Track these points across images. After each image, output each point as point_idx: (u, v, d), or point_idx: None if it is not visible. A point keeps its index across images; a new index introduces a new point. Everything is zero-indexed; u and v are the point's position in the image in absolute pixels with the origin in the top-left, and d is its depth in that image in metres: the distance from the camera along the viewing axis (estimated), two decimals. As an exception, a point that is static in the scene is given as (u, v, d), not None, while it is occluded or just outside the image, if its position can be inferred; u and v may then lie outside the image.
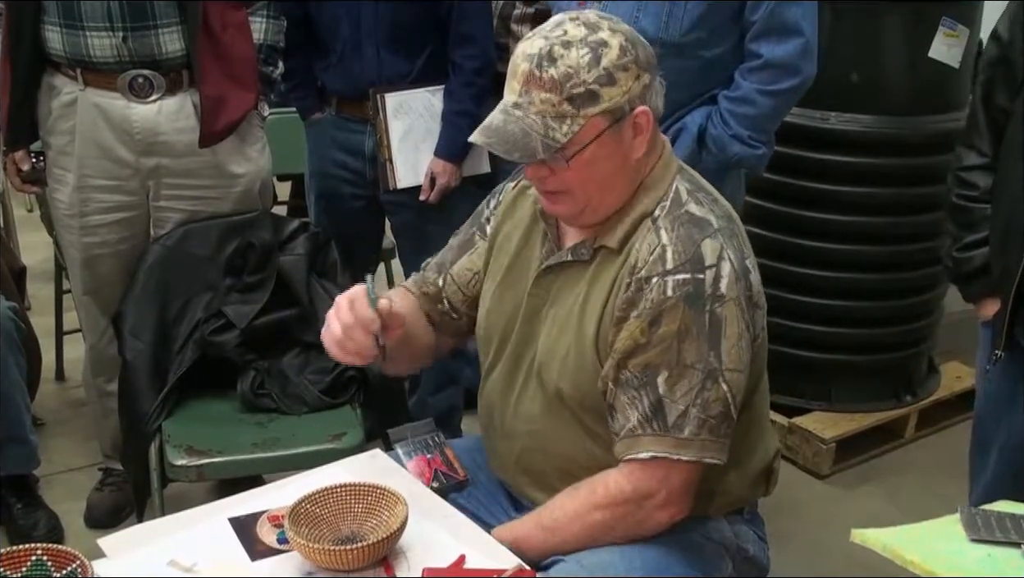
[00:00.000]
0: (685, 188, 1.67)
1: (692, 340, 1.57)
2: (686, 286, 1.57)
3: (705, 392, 1.57)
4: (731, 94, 2.47)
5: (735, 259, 1.60)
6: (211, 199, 2.68)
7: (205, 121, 2.57)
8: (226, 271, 2.64)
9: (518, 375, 1.76)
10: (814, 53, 2.47)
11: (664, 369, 1.58)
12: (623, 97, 1.56)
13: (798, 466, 3.29)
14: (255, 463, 2.43)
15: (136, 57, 2.50)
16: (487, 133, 1.58)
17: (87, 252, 2.68)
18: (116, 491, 2.94)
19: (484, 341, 1.84)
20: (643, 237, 1.62)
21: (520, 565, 1.49)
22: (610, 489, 1.62)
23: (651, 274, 1.58)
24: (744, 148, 2.47)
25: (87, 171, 2.60)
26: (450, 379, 3.09)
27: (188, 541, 1.56)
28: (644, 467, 1.60)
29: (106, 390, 2.82)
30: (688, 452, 1.59)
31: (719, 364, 1.57)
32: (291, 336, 2.63)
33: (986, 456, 2.09)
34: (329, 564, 1.48)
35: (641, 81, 1.58)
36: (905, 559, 1.42)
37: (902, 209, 3.21)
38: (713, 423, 1.59)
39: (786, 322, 3.31)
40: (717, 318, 1.57)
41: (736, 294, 1.58)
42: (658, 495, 1.61)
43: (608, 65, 1.54)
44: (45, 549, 1.43)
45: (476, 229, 1.89)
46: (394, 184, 2.87)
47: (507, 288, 1.79)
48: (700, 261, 1.58)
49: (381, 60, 2.78)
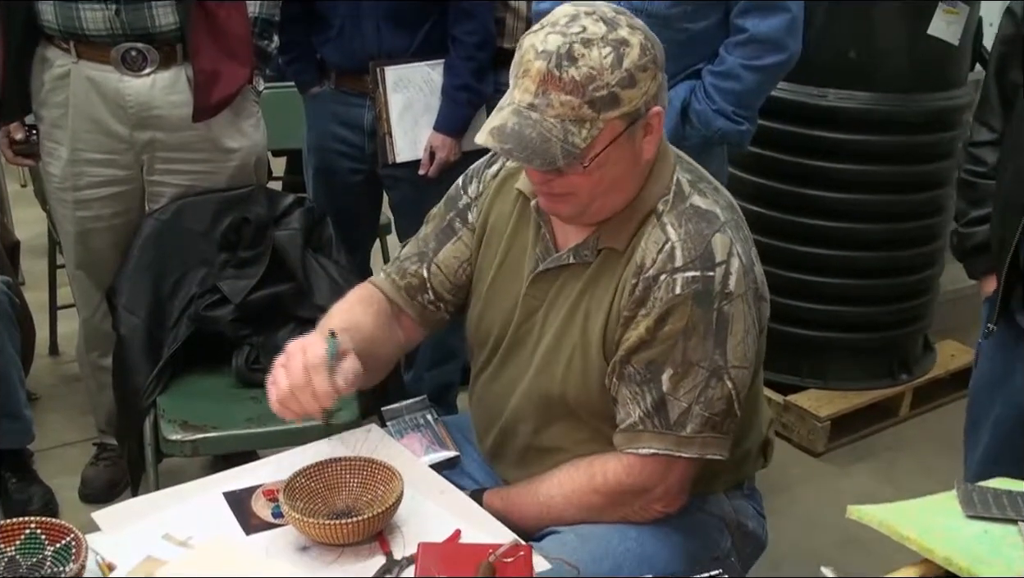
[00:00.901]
0: (687, 180, 1.62)
1: (698, 338, 1.54)
2: (695, 284, 1.53)
3: (709, 390, 1.56)
4: (716, 68, 2.47)
5: (743, 253, 1.57)
6: (206, 173, 2.66)
7: (198, 95, 2.55)
8: (221, 246, 2.63)
9: (517, 378, 1.72)
10: (800, 29, 2.47)
11: (668, 367, 1.56)
12: (641, 99, 1.49)
13: (793, 444, 3.30)
14: (250, 438, 2.42)
15: (129, 30, 2.48)
16: (502, 138, 1.47)
17: (80, 226, 2.67)
18: (111, 466, 2.95)
19: (478, 343, 1.80)
20: (648, 234, 1.57)
21: (516, 540, 1.48)
22: (608, 479, 1.61)
23: (660, 272, 1.54)
24: (728, 123, 2.48)
25: (80, 145, 2.58)
26: (448, 355, 3.09)
27: (183, 515, 1.56)
28: (644, 462, 1.59)
29: (100, 365, 2.82)
30: (689, 450, 1.58)
31: (724, 362, 1.55)
32: (286, 311, 2.62)
33: (979, 432, 2.09)
34: (324, 538, 1.48)
35: (657, 80, 1.51)
36: (901, 535, 1.42)
37: (900, 187, 3.21)
38: (716, 421, 1.57)
39: (781, 300, 3.30)
40: (724, 316, 1.54)
41: (744, 290, 1.56)
42: (655, 490, 1.61)
43: (630, 66, 1.46)
44: (39, 522, 1.42)
45: (455, 216, 1.81)
46: (393, 158, 2.86)
47: (500, 287, 1.74)
48: (711, 258, 1.54)
49: (381, 34, 2.77)
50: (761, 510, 1.85)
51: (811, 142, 3.18)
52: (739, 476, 1.79)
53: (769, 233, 3.27)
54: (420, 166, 2.86)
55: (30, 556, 1.40)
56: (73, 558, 1.38)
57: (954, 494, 1.52)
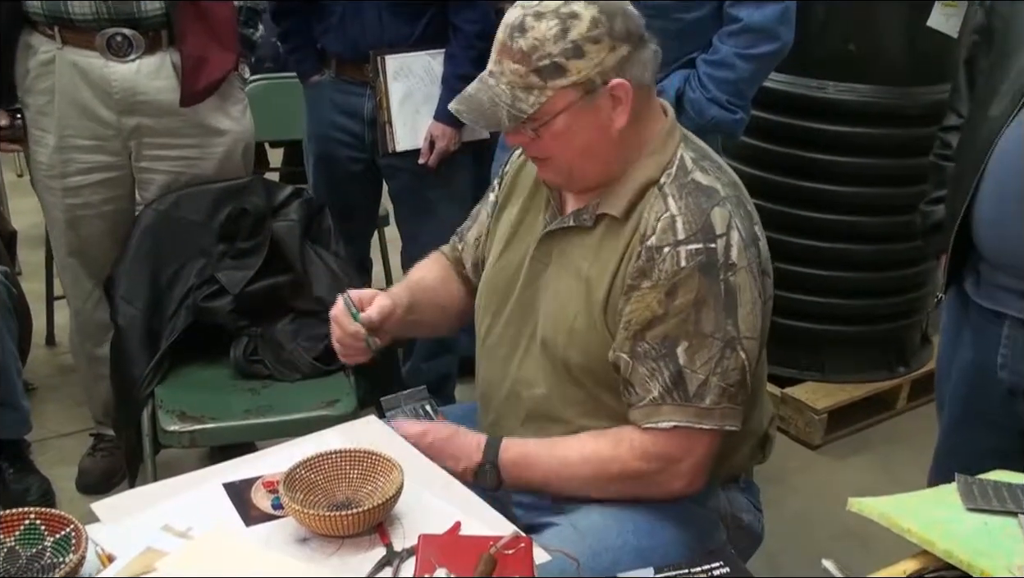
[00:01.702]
0: (690, 156, 1.66)
1: (709, 309, 1.56)
2: (699, 256, 1.56)
3: (724, 361, 1.57)
4: (710, 58, 2.49)
5: (743, 227, 1.60)
6: (194, 159, 2.67)
7: (186, 81, 2.56)
8: (219, 237, 2.63)
9: (520, 341, 1.76)
10: (792, 18, 2.49)
11: (684, 340, 1.57)
12: (594, 70, 1.54)
13: (790, 436, 3.30)
14: (248, 429, 2.42)
15: (115, 15, 2.49)
16: (460, 100, 1.60)
17: (70, 213, 2.66)
18: (108, 456, 2.95)
19: (483, 306, 1.84)
20: (650, 205, 1.61)
21: (516, 532, 1.48)
22: (635, 447, 1.62)
23: (662, 244, 1.57)
24: (722, 112, 2.49)
25: (68, 131, 2.58)
26: (444, 347, 3.08)
27: (182, 506, 1.56)
28: (668, 436, 1.60)
29: (95, 355, 2.81)
30: (710, 421, 1.59)
31: (736, 332, 1.58)
32: (284, 303, 2.62)
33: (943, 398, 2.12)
34: (324, 530, 1.48)
35: (617, 53, 1.56)
36: (902, 528, 1.42)
37: (898, 180, 3.20)
38: (732, 391, 1.60)
39: (780, 292, 3.25)
40: (732, 287, 1.57)
41: (747, 262, 1.58)
42: (683, 462, 1.62)
43: (576, 38, 1.53)
44: (39, 513, 1.42)
45: (487, 194, 1.92)
46: (393, 147, 2.86)
47: (509, 253, 1.80)
48: (711, 230, 1.57)
49: (382, 22, 2.76)
50: (757, 504, 1.85)
51: (810, 134, 3.18)
52: (735, 469, 1.79)
53: (767, 225, 3.21)
54: (420, 155, 2.85)
55: (30, 547, 1.40)
56: (73, 549, 1.38)
57: (954, 487, 1.52)
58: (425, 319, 1.93)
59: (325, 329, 2.53)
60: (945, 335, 2.10)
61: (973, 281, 1.94)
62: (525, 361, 1.74)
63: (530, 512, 1.73)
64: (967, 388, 1.98)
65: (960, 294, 1.99)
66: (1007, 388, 1.89)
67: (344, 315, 1.80)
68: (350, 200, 2.96)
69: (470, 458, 1.70)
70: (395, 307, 1.83)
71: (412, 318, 1.88)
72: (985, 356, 1.91)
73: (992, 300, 1.88)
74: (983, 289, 1.91)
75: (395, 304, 1.83)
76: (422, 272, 1.99)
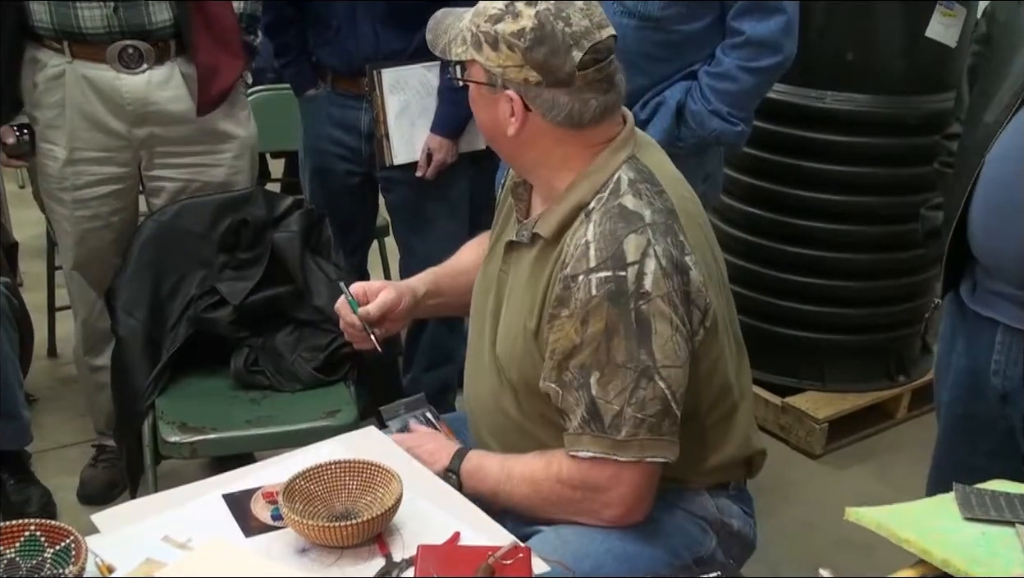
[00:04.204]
0: (628, 177, 1.61)
1: (620, 339, 1.53)
2: (608, 284, 1.53)
3: (640, 391, 1.54)
4: (712, 70, 2.48)
5: (663, 255, 1.54)
6: (204, 166, 2.69)
7: (201, 90, 2.59)
8: (220, 248, 2.63)
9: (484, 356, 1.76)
10: (795, 31, 2.48)
11: (595, 369, 1.55)
12: (497, 68, 1.57)
13: (791, 446, 3.30)
14: (248, 440, 2.42)
15: (126, 27, 2.51)
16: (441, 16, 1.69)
17: (79, 226, 2.68)
18: (109, 467, 2.95)
19: (472, 312, 1.86)
20: (574, 230, 1.59)
21: (515, 542, 1.49)
22: (562, 472, 1.62)
23: (576, 272, 1.55)
24: (723, 124, 2.48)
25: (79, 144, 2.60)
26: (444, 357, 3.08)
27: (182, 517, 1.56)
28: (590, 465, 1.59)
29: (97, 366, 2.82)
30: (627, 453, 1.56)
31: (652, 362, 1.53)
32: (285, 313, 2.62)
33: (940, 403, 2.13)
34: (323, 540, 1.48)
35: (523, 72, 1.55)
36: (900, 537, 1.42)
37: (899, 189, 3.20)
38: (652, 421, 1.55)
39: (779, 302, 3.31)
40: (644, 316, 1.53)
41: (665, 291, 1.53)
42: (611, 492, 1.60)
43: (500, 30, 1.56)
44: (39, 525, 1.42)
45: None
46: (390, 160, 2.86)
47: (486, 266, 1.81)
48: (622, 258, 1.53)
49: (378, 36, 2.77)
50: (749, 510, 1.83)
51: (809, 144, 3.18)
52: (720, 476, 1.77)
53: (767, 235, 3.28)
54: (417, 168, 2.86)
55: (30, 558, 1.40)
56: (73, 560, 1.38)
57: (952, 496, 1.52)
58: (453, 301, 1.99)
59: (325, 340, 2.56)
60: (942, 341, 2.11)
61: (969, 287, 1.95)
62: (484, 379, 1.75)
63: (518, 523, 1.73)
64: (962, 393, 1.99)
65: (957, 300, 1.99)
66: (1000, 393, 1.89)
67: (344, 306, 1.88)
68: (347, 214, 2.96)
69: (439, 463, 1.73)
70: (400, 299, 1.89)
71: (436, 302, 1.97)
72: (979, 362, 1.92)
73: (986, 306, 1.89)
74: (978, 295, 1.92)
75: (401, 296, 1.89)
76: (463, 253, 2.04)
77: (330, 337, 2.56)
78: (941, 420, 2.11)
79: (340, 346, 2.53)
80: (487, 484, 1.69)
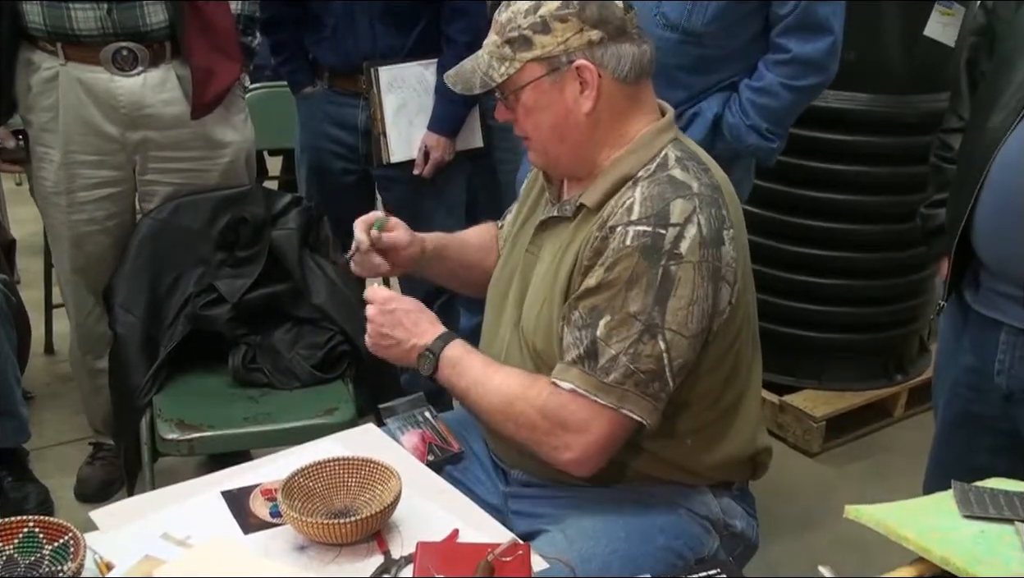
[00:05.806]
0: (675, 155, 1.63)
1: (639, 290, 1.54)
2: (644, 238, 1.55)
3: (640, 345, 1.55)
4: (754, 84, 2.43)
5: (706, 225, 1.56)
6: (198, 171, 2.67)
7: (196, 93, 2.56)
8: (218, 245, 2.64)
9: (506, 332, 1.77)
10: (839, 52, 2.45)
11: (607, 313, 1.56)
12: (558, 47, 1.59)
13: (788, 444, 3.31)
14: (246, 438, 2.42)
15: (120, 29, 2.48)
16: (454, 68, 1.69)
17: (75, 230, 2.66)
18: (106, 465, 2.94)
19: (488, 301, 1.86)
20: (621, 195, 1.61)
21: (514, 539, 1.49)
22: (540, 396, 1.61)
23: (617, 224, 1.57)
24: (760, 139, 2.45)
25: (73, 147, 2.58)
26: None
27: (181, 514, 1.56)
28: (568, 398, 1.58)
29: (95, 367, 2.81)
30: (607, 397, 1.56)
31: (661, 321, 1.54)
32: (283, 311, 2.63)
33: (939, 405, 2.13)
34: (322, 538, 1.48)
35: (585, 35, 1.59)
36: (899, 535, 1.42)
37: (897, 188, 3.21)
38: (642, 377, 1.56)
39: (778, 300, 3.31)
40: (670, 275, 1.54)
41: (697, 259, 1.55)
42: (577, 435, 1.58)
43: (545, 14, 1.59)
44: (37, 521, 1.42)
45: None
46: (387, 158, 2.86)
47: (511, 248, 1.83)
48: (666, 217, 1.55)
49: (375, 34, 2.77)
50: (752, 511, 1.83)
51: (809, 143, 3.18)
52: (724, 474, 1.77)
53: (766, 234, 3.27)
54: (414, 166, 2.86)
55: (28, 555, 1.40)
56: (71, 557, 1.38)
57: (951, 494, 1.52)
58: (454, 269, 2.00)
59: (324, 337, 2.56)
60: (943, 341, 2.11)
61: (972, 288, 1.95)
62: (510, 353, 1.74)
63: (524, 520, 1.73)
64: (965, 392, 1.99)
65: (960, 301, 1.99)
66: (1004, 393, 1.90)
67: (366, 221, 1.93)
68: (343, 211, 2.94)
69: (421, 337, 1.73)
70: (409, 244, 1.92)
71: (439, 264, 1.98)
72: (983, 362, 1.92)
73: (990, 307, 1.89)
74: (982, 296, 1.92)
75: (411, 241, 1.92)
76: (469, 231, 2.07)
77: (328, 335, 2.56)
78: (939, 419, 2.12)
79: (338, 344, 2.53)
80: (463, 380, 1.69)
